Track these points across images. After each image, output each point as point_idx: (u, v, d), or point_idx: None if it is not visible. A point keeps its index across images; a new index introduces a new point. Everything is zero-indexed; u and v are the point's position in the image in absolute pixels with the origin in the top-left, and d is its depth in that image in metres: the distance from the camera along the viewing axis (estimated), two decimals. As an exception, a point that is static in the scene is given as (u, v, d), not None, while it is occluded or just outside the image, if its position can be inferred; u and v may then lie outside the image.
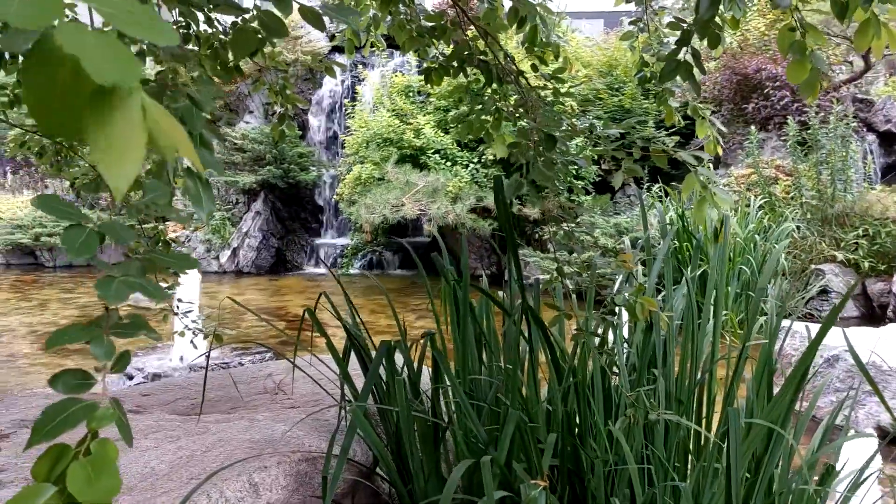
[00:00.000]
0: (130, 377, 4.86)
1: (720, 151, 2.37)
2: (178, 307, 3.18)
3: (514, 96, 2.17)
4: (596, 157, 1.98)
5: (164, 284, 2.83)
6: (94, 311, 8.03)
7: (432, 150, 9.88)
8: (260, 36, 1.40)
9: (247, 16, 1.54)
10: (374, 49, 2.87)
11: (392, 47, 11.67)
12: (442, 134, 9.98)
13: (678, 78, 1.78)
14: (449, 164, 9.81)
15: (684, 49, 1.56)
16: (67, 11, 2.21)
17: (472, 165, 9.78)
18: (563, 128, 1.95)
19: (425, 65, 2.37)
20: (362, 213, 9.66)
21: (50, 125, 0.41)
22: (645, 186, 9.09)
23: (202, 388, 2.48)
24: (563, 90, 2.08)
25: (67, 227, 0.69)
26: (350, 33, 2.76)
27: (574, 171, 8.52)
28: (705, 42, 1.74)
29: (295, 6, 1.36)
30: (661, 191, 8.50)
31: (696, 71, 1.75)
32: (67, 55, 0.39)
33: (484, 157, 9.75)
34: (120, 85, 0.38)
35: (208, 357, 2.00)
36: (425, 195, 9.38)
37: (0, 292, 9.48)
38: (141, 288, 0.71)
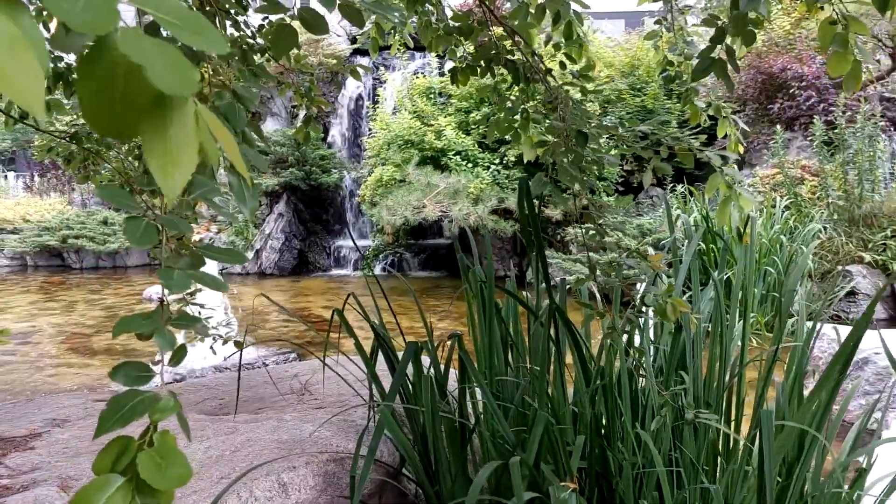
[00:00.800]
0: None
1: (741, 150, 2.35)
2: (199, 312, 3.20)
3: (541, 95, 2.16)
4: (619, 158, 1.98)
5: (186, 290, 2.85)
6: (121, 311, 8.12)
7: (453, 152, 9.88)
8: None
9: (280, 14, 1.55)
10: (397, 50, 2.88)
11: (413, 49, 11.70)
12: (463, 135, 9.99)
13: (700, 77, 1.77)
14: (470, 165, 9.81)
15: (718, 46, 1.55)
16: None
17: (493, 167, 9.77)
18: (591, 126, 1.94)
19: (451, 65, 2.37)
20: (384, 215, 9.68)
21: (106, 129, 0.42)
22: (669, 187, 9.02)
23: (230, 389, 2.50)
24: (590, 88, 2.07)
25: (128, 217, 0.71)
26: (375, 32, 2.77)
27: (597, 172, 8.50)
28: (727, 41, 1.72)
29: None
30: (685, 192, 8.44)
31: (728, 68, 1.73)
32: (124, 61, 0.40)
33: (505, 158, 9.73)
34: (179, 93, 0.39)
35: (241, 359, 2.01)
36: (446, 197, 9.38)
37: (28, 293, 9.63)
38: (200, 279, 0.73)
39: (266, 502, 1.62)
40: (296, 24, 1.50)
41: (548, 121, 2.07)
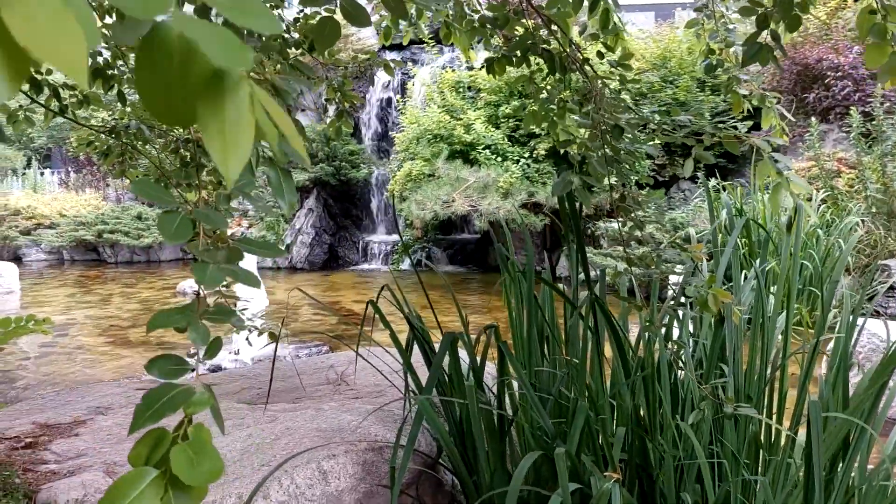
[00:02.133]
0: (192, 369, 4.98)
1: (786, 139, 2.30)
2: (235, 305, 3.22)
3: (577, 84, 2.14)
4: (657, 149, 1.96)
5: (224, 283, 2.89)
6: (156, 305, 8.25)
7: (483, 146, 9.86)
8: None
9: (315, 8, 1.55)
10: (423, 44, 2.88)
11: (441, 43, 11.69)
12: (492, 129, 9.95)
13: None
14: (499, 159, 9.78)
15: (764, 32, 1.52)
16: None
17: (522, 160, 9.73)
18: (628, 117, 1.92)
19: (483, 56, 2.36)
20: (413, 209, 9.70)
21: (163, 114, 0.43)
22: (700, 181, 8.90)
23: (267, 379, 2.52)
24: (628, 77, 2.04)
25: (163, 212, 0.71)
26: (391, 20, 2.79)
27: (633, 165, 8.43)
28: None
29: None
30: (717, 186, 8.32)
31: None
32: (179, 45, 0.40)
33: (535, 152, 9.68)
34: (235, 69, 0.40)
35: (276, 349, 2.03)
36: (476, 191, 9.37)
37: (65, 287, 9.82)
38: (234, 274, 0.73)
39: (307, 489, 1.64)
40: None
41: (577, 116, 2.05)
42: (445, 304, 7.95)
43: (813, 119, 8.55)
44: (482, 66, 2.36)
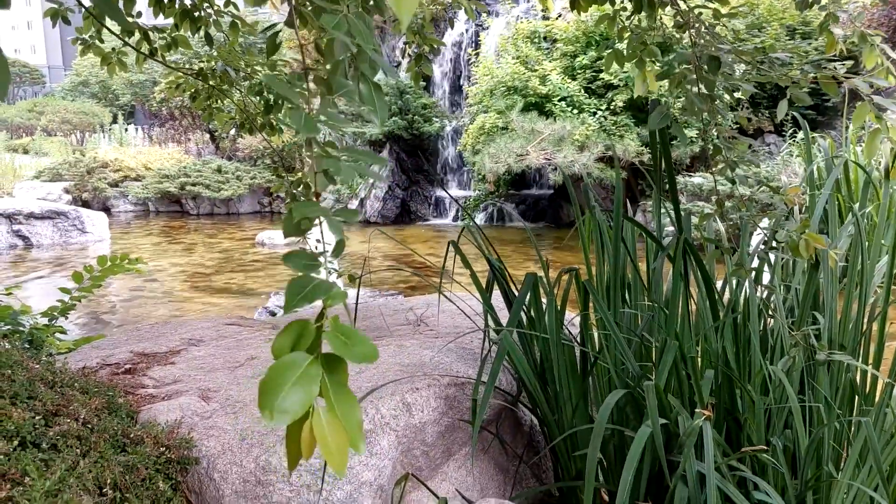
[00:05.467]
0: (273, 314, 5.14)
1: (893, 81, 2.16)
2: (315, 249, 3.29)
3: (667, 21, 2.05)
4: (732, 105, 1.88)
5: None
6: (236, 254, 8.52)
7: (558, 98, 9.65)
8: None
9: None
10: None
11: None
12: (568, 80, 9.72)
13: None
14: (575, 111, 9.56)
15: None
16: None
17: (599, 113, 9.49)
18: (726, 51, 1.83)
19: (562, 6, 2.29)
20: (486, 163, 9.63)
21: None
22: (789, 133, 8.51)
23: (345, 319, 2.57)
24: (723, 11, 1.94)
25: (291, 108, 0.73)
26: None
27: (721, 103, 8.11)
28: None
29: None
30: (802, 140, 7.95)
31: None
32: None
33: (613, 104, 9.42)
34: None
35: (358, 289, 2.06)
36: (551, 144, 9.22)
37: (152, 236, 10.24)
38: (362, 170, 0.75)
39: (392, 420, 1.67)
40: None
41: (677, 48, 1.96)
42: (517, 259, 7.93)
43: (914, 67, 8.00)
44: (557, 17, 2.29)
